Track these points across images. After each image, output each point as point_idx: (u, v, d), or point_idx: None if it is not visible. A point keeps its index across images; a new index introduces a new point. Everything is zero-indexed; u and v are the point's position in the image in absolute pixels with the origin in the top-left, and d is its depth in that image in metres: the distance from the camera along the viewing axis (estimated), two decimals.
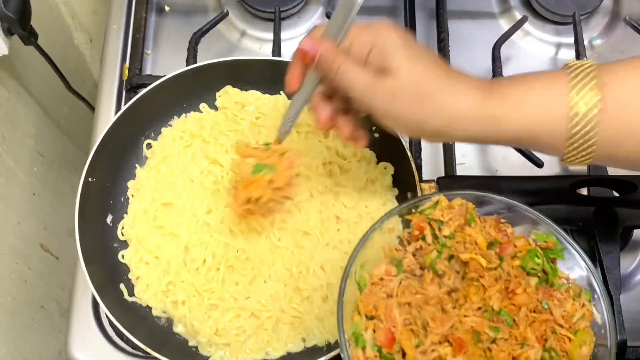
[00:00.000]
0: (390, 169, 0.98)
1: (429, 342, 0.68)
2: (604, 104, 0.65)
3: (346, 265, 0.74)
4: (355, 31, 0.71)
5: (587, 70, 0.67)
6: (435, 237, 0.75)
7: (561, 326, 0.70)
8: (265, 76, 1.02)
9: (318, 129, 0.79)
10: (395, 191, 0.97)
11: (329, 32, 0.72)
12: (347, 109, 0.78)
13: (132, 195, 0.98)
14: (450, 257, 0.74)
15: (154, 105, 0.99)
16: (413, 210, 0.78)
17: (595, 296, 0.72)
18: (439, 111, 0.68)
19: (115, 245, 0.95)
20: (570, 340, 0.70)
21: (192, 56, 1.07)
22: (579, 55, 1.08)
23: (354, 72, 0.70)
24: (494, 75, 1.06)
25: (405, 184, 0.95)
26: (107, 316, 0.86)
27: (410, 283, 0.73)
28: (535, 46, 1.19)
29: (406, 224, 0.78)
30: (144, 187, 0.98)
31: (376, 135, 0.99)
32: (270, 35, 1.12)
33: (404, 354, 0.69)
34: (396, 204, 0.96)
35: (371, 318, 0.71)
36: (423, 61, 0.70)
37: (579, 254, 0.75)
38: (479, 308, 0.70)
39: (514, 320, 0.70)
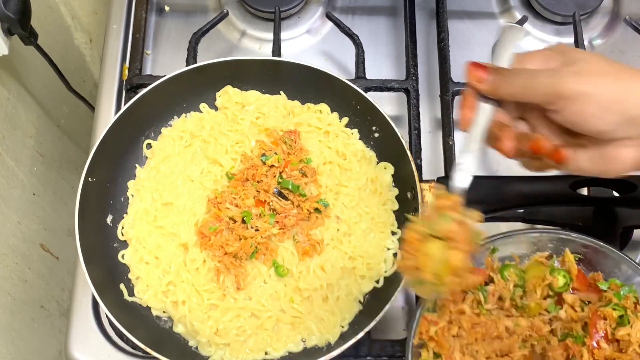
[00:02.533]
0: (390, 169, 0.98)
1: None
2: None
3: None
4: (522, 58, 0.69)
5: None
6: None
7: None
8: (265, 76, 1.02)
9: (503, 151, 0.68)
10: (396, 191, 0.97)
11: (495, 60, 0.69)
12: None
13: (132, 195, 0.98)
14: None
15: (154, 105, 0.99)
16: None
17: None
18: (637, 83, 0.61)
19: (115, 245, 0.95)
20: None
21: (192, 56, 1.07)
22: None
23: (530, 72, 0.65)
24: None
25: (405, 184, 0.95)
26: (107, 316, 0.86)
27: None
28: (535, 46, 1.19)
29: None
30: (144, 187, 0.97)
31: (376, 135, 0.99)
32: (270, 35, 1.12)
33: None
34: (396, 204, 0.96)
35: (438, 356, 0.76)
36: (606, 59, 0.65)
37: None
38: None
39: None
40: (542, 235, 0.83)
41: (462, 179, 0.70)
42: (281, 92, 1.03)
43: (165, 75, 0.98)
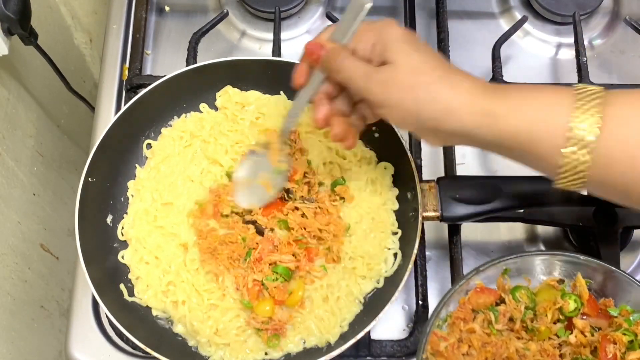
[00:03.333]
0: (391, 169, 0.98)
1: None
2: (603, 123, 0.63)
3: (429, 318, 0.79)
4: (360, 31, 0.74)
5: (594, 95, 0.65)
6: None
7: None
8: (265, 76, 1.01)
9: (314, 126, 0.82)
10: (396, 191, 0.97)
11: (336, 33, 0.75)
12: (349, 113, 0.80)
13: (132, 195, 0.98)
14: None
15: (154, 105, 0.99)
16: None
17: None
18: (434, 100, 0.67)
19: (115, 245, 0.95)
20: None
21: (192, 56, 1.07)
22: (579, 55, 1.08)
23: (354, 65, 0.72)
24: (494, 75, 1.06)
25: (405, 184, 0.95)
26: (107, 316, 0.86)
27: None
28: (535, 46, 1.19)
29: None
30: (144, 187, 0.97)
31: (376, 135, 0.99)
32: (270, 35, 1.12)
33: None
34: (396, 203, 0.96)
35: None
36: (422, 53, 0.70)
37: None
38: None
39: None
40: (553, 258, 0.83)
41: (289, 125, 0.88)
42: (281, 92, 1.03)
43: (165, 75, 0.98)
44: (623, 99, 0.65)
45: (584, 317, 0.81)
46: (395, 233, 0.95)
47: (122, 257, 0.94)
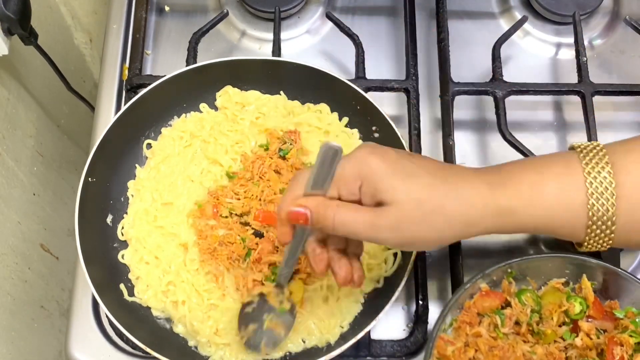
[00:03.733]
0: None
1: None
2: (619, 188, 0.64)
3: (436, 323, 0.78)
4: (338, 174, 0.67)
5: (599, 153, 0.66)
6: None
7: None
8: (265, 76, 1.02)
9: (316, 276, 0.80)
10: None
11: (313, 183, 0.68)
12: (345, 246, 0.75)
13: (132, 195, 0.98)
14: None
15: (154, 105, 0.99)
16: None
17: None
18: (452, 220, 0.66)
19: (115, 245, 0.95)
20: None
21: (192, 56, 1.07)
22: (579, 55, 1.08)
23: (352, 217, 0.67)
24: (494, 75, 1.06)
25: None
26: (107, 316, 0.86)
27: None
28: (535, 46, 1.19)
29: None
30: (144, 187, 0.98)
31: (376, 135, 0.99)
32: (270, 35, 1.12)
33: None
34: None
35: None
36: (415, 177, 0.66)
37: None
38: None
39: None
40: (557, 260, 0.83)
41: (284, 279, 0.84)
42: (281, 92, 1.03)
43: (165, 75, 0.98)
44: (626, 148, 0.67)
45: (590, 320, 0.80)
46: None
47: (122, 257, 0.94)
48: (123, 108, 0.96)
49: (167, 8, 1.21)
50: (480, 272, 0.81)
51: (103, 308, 0.85)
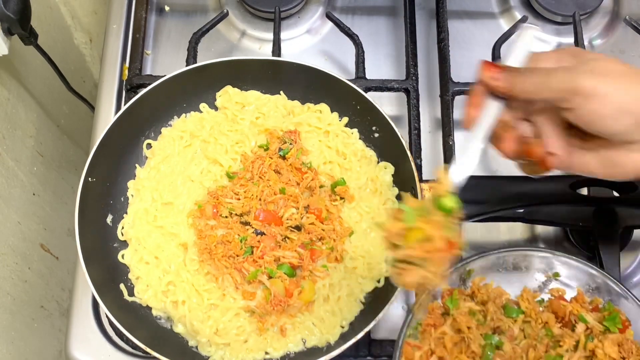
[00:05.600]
0: (390, 169, 0.98)
1: None
2: None
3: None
4: (533, 59, 0.68)
5: None
6: None
7: None
8: (265, 76, 1.02)
9: (503, 151, 0.69)
10: (396, 190, 0.97)
11: (510, 61, 0.69)
12: (532, 135, 0.69)
13: (132, 195, 0.98)
14: None
15: (154, 105, 0.99)
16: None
17: None
18: None
19: (115, 245, 0.95)
20: None
21: (192, 56, 1.07)
22: None
23: (548, 69, 0.64)
24: None
25: (405, 183, 0.95)
26: (107, 316, 0.86)
27: None
28: (535, 46, 1.18)
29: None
30: (144, 187, 0.97)
31: (376, 135, 0.99)
32: (270, 35, 1.12)
33: None
34: (396, 203, 0.96)
35: None
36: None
37: None
38: None
39: None
40: (510, 254, 0.84)
41: (458, 175, 0.68)
42: (281, 92, 1.03)
43: (165, 75, 0.98)
44: None
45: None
46: None
47: (122, 257, 0.94)
48: (123, 108, 0.96)
49: (167, 8, 1.21)
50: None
51: (103, 308, 0.85)
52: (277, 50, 1.08)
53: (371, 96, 0.97)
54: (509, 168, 1.06)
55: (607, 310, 0.80)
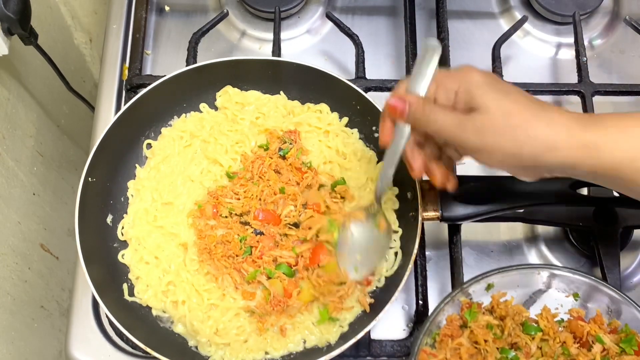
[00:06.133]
0: None
1: None
2: None
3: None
4: (439, 79, 0.74)
5: None
6: None
7: None
8: (265, 76, 1.02)
9: (412, 175, 0.80)
10: (396, 190, 0.97)
11: (412, 85, 0.75)
12: (439, 155, 0.80)
13: (132, 195, 0.98)
14: None
15: (154, 105, 0.99)
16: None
17: None
18: (533, 139, 0.67)
19: (115, 245, 0.95)
20: None
21: (192, 56, 1.07)
22: (579, 55, 1.08)
23: (443, 115, 0.71)
24: None
25: (405, 183, 0.94)
26: (107, 316, 0.86)
27: None
28: (535, 46, 1.19)
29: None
30: (144, 187, 0.97)
31: (376, 135, 0.99)
32: (270, 35, 1.12)
33: None
34: (397, 202, 0.96)
35: None
36: (511, 95, 0.70)
37: None
38: None
39: None
40: (535, 271, 0.85)
41: (384, 188, 0.83)
42: (281, 92, 1.03)
43: (165, 75, 0.98)
44: None
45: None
46: (397, 232, 0.95)
47: (122, 257, 0.94)
48: (123, 108, 0.96)
49: (167, 8, 1.21)
50: (460, 286, 0.83)
51: (103, 308, 0.85)
52: (277, 50, 1.08)
53: (371, 96, 0.97)
54: None
55: (625, 332, 0.80)
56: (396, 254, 0.93)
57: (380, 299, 0.89)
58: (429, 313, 0.81)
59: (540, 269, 0.85)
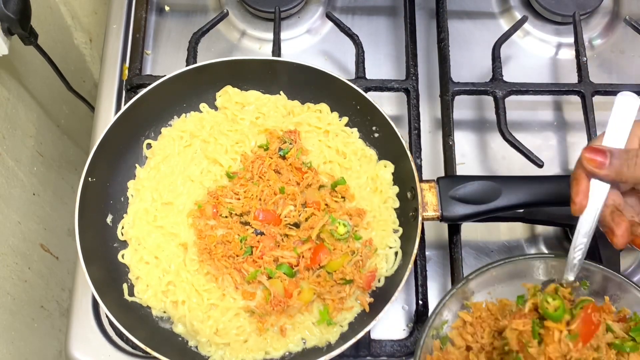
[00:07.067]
0: (390, 167, 0.98)
1: None
2: None
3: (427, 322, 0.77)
4: (635, 131, 0.67)
5: None
6: None
7: None
8: (265, 76, 1.02)
9: (615, 243, 0.69)
10: (396, 189, 0.97)
11: (609, 139, 0.67)
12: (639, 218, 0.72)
13: (132, 195, 0.98)
14: None
15: (154, 105, 0.99)
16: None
17: None
18: None
19: (115, 245, 0.95)
20: None
21: (192, 56, 1.07)
22: (579, 55, 1.08)
23: None
24: (494, 75, 1.06)
25: (405, 184, 0.95)
26: (107, 316, 0.86)
27: None
28: (535, 46, 1.19)
29: None
30: (144, 187, 0.97)
31: (376, 135, 0.99)
32: (270, 35, 1.12)
33: None
34: (397, 201, 0.96)
35: None
36: None
37: None
38: None
39: None
40: (542, 261, 0.82)
41: (576, 266, 0.72)
42: (281, 92, 1.03)
43: (165, 75, 0.98)
44: None
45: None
46: (397, 231, 0.95)
47: (122, 257, 0.94)
48: (123, 108, 0.96)
49: (167, 8, 1.21)
50: (463, 279, 0.81)
51: (103, 308, 0.85)
52: (277, 50, 1.08)
53: (371, 96, 0.97)
54: (509, 168, 1.06)
55: (634, 321, 0.78)
56: (396, 253, 0.93)
57: (380, 299, 0.89)
58: (432, 310, 0.80)
59: (547, 259, 0.82)
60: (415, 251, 0.87)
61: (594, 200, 0.68)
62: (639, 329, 0.76)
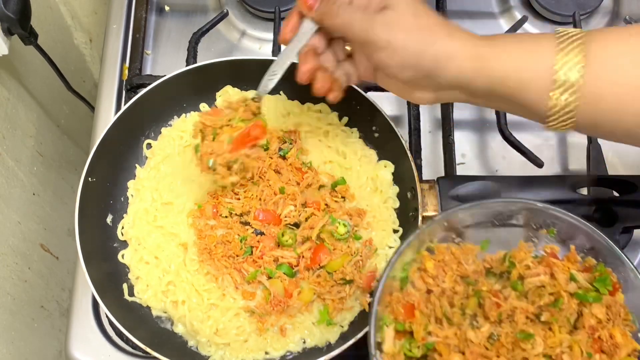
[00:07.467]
0: (390, 167, 0.98)
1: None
2: (587, 65, 0.65)
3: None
4: None
5: (575, 37, 0.67)
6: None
7: None
8: None
9: (297, 78, 0.80)
10: (396, 189, 0.97)
11: None
12: (333, 69, 0.80)
13: (132, 195, 0.98)
14: None
15: (154, 105, 0.99)
16: None
17: None
18: (436, 43, 0.69)
19: (115, 245, 0.95)
20: None
21: (192, 56, 1.07)
22: None
23: (352, 11, 0.72)
24: None
25: (405, 184, 0.95)
26: (107, 316, 0.86)
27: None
28: None
29: None
30: (144, 187, 0.98)
31: (376, 135, 0.99)
32: (270, 35, 1.12)
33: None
34: (397, 201, 0.96)
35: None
36: (422, 3, 0.71)
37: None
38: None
39: None
40: (509, 205, 0.81)
41: (268, 85, 0.85)
42: (281, 92, 1.03)
43: (165, 75, 0.98)
44: (603, 38, 0.67)
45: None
46: (397, 231, 0.95)
47: (122, 257, 0.94)
48: (123, 108, 0.96)
49: (167, 8, 1.21)
50: (430, 221, 0.80)
51: (103, 308, 0.85)
52: (277, 50, 1.08)
53: (371, 96, 0.97)
54: (509, 168, 1.06)
55: (599, 272, 0.78)
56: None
57: None
58: (396, 249, 0.80)
59: (517, 203, 0.81)
60: None
61: (299, 37, 0.77)
62: (602, 280, 0.76)
